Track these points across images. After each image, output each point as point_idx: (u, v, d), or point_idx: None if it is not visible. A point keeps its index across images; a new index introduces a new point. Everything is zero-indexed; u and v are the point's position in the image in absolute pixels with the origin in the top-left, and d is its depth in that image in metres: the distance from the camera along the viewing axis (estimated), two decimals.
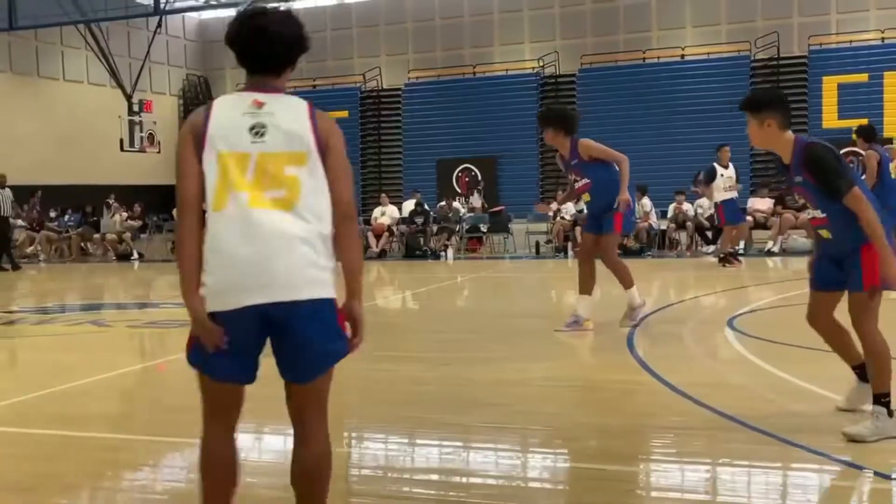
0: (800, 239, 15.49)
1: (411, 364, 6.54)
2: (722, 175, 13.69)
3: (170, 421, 5.15)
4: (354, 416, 5.10)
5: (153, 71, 30.22)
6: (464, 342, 7.53)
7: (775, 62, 26.43)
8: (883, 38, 25.76)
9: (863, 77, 25.05)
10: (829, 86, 25.38)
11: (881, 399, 4.21)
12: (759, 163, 25.65)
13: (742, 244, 15.01)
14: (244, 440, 4.78)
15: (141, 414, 5.45)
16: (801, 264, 14.03)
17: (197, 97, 33.33)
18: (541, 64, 28.79)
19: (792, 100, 27.53)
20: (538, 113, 8.02)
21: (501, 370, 6.14)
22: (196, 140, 2.70)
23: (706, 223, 16.57)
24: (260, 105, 2.72)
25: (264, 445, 4.68)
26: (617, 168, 7.44)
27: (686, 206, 17.02)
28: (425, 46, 30.63)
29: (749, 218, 16.00)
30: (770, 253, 15.19)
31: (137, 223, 20.96)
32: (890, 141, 19.44)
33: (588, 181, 7.47)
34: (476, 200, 24.34)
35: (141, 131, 26.80)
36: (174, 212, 3.28)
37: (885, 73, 24.81)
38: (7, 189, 17.68)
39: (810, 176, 4.21)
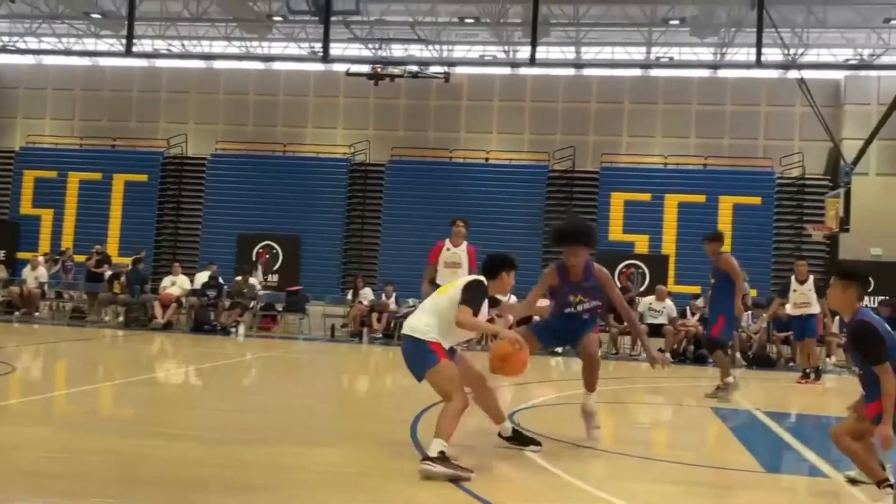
0: None
1: (186, 442, 6.17)
2: (795, 290, 13.17)
3: None
4: (116, 496, 4.70)
5: None
6: (245, 422, 7.22)
7: (570, 174, 28.17)
8: (665, 163, 28.17)
9: (646, 196, 27.16)
10: (617, 201, 27.29)
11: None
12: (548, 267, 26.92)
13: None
14: None
15: None
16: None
17: None
18: (352, 150, 29.18)
19: (583, 212, 29.28)
20: (571, 226, 6.74)
21: (281, 453, 5.92)
22: None
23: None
24: None
25: None
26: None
27: None
28: (236, 119, 30.29)
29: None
30: (554, 353, 15.82)
31: None
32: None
33: (598, 304, 6.86)
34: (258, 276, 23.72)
35: None
36: None
37: (666, 194, 27.04)
38: None
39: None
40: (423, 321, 5.86)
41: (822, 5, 23.85)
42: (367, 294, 18.04)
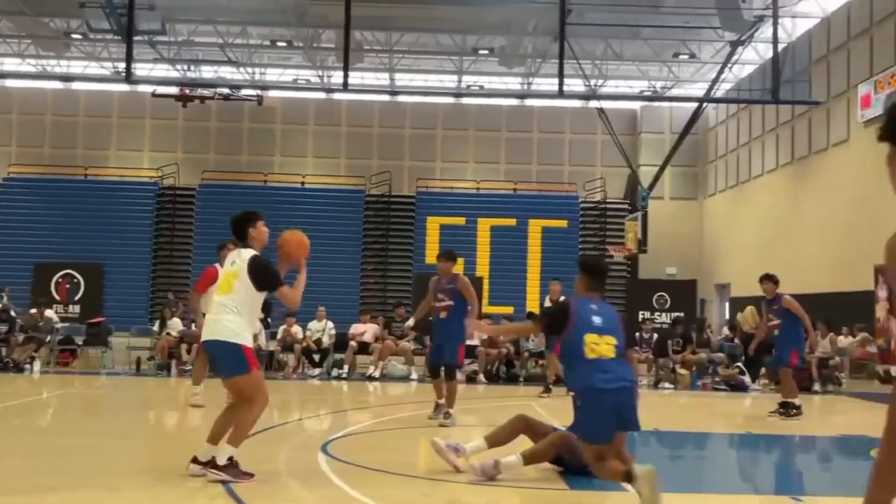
0: (398, 365, 16.33)
1: None
2: None
3: None
4: None
5: None
6: (42, 467, 6.72)
7: (387, 199, 28.43)
8: (478, 188, 29.01)
9: (460, 220, 27.83)
10: (433, 225, 27.80)
11: None
12: (368, 290, 27.02)
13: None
14: None
15: None
16: (398, 390, 14.76)
17: None
18: (160, 174, 28.14)
19: (401, 236, 29.58)
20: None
21: (84, 499, 5.55)
22: None
23: (314, 346, 16.87)
24: None
25: None
26: None
27: (295, 329, 17.23)
28: (32, 141, 28.54)
29: (352, 343, 16.58)
30: (371, 378, 15.80)
31: None
32: None
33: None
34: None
35: None
36: None
37: (479, 218, 27.82)
38: None
39: None
40: (232, 321, 5.94)
41: (619, 39, 25.43)
42: (175, 324, 17.28)
